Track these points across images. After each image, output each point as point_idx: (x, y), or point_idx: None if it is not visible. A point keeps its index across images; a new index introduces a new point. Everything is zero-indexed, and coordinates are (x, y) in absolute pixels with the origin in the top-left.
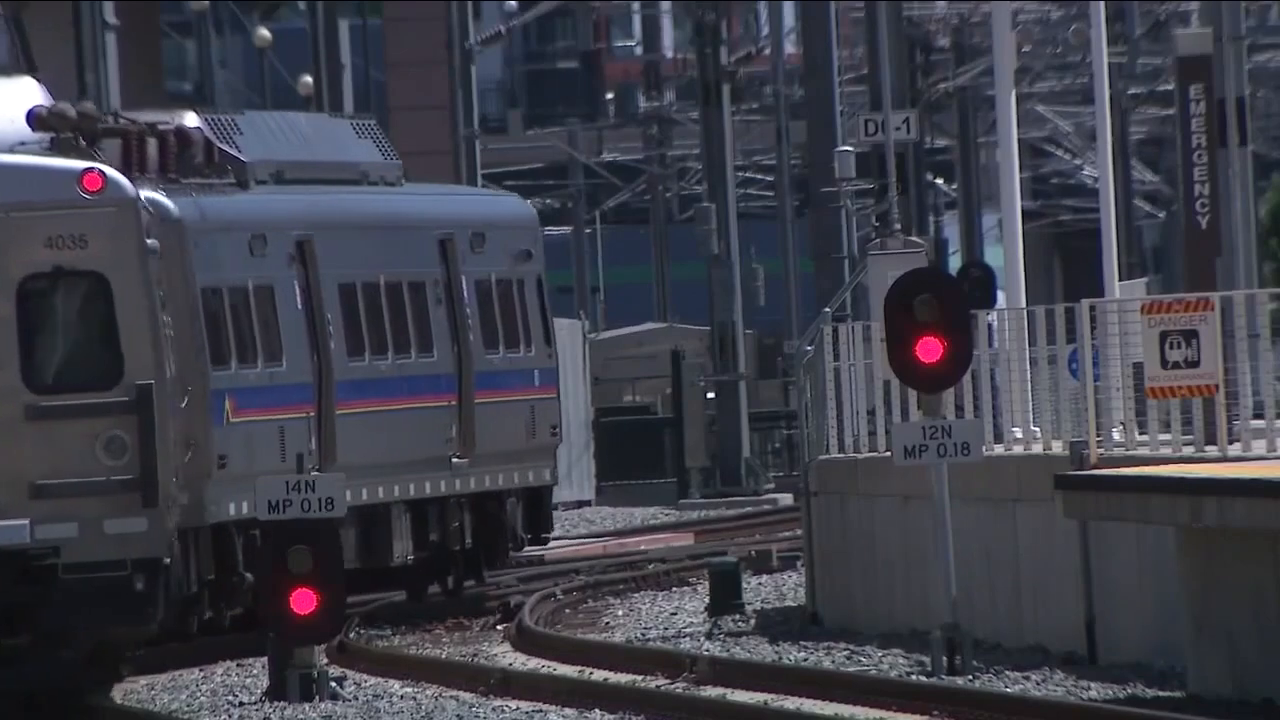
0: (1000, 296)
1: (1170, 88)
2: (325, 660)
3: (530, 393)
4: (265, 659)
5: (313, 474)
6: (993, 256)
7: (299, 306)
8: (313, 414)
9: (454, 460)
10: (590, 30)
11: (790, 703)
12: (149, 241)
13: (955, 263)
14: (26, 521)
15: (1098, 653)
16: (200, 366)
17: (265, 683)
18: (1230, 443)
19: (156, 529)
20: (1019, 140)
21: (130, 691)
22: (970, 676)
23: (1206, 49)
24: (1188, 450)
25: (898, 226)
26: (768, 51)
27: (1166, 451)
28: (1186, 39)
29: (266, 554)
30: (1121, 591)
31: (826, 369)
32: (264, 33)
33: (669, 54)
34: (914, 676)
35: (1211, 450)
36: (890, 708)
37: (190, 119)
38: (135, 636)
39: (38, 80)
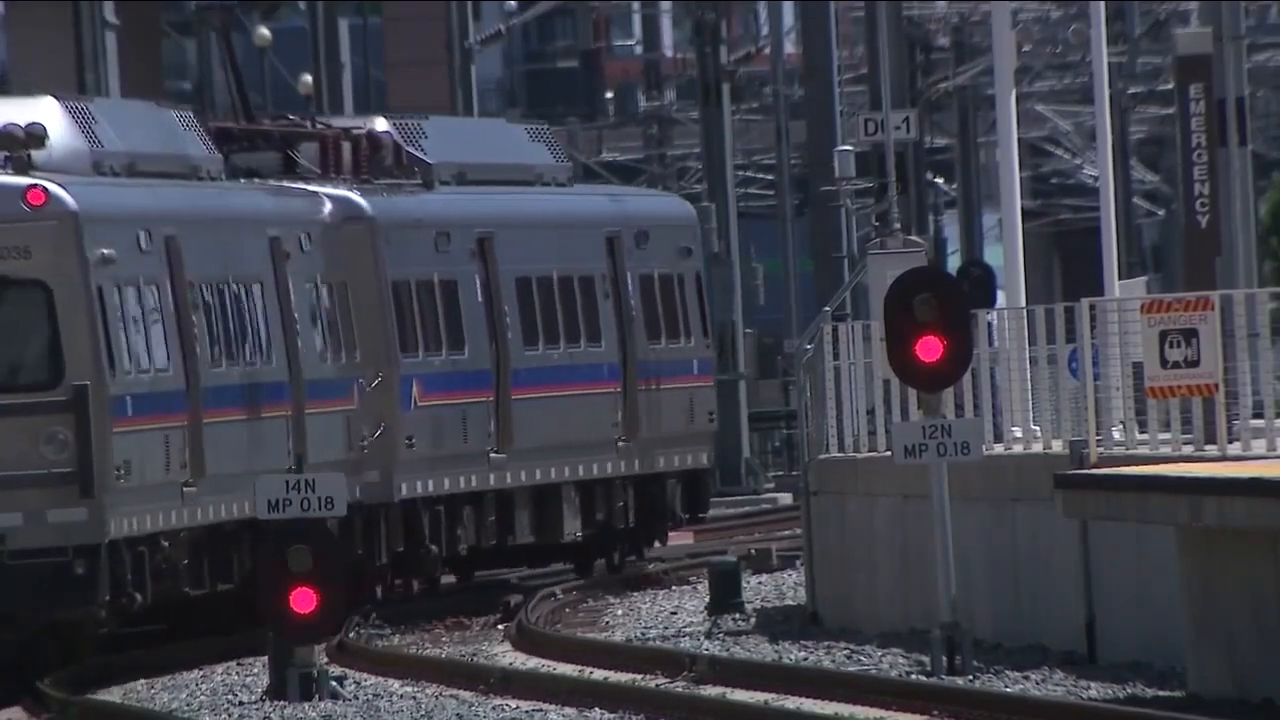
0: (1000, 296)
1: (1170, 87)
2: (325, 660)
3: (689, 381)
4: (265, 658)
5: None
6: (993, 256)
7: (479, 299)
8: (492, 399)
9: (620, 444)
10: (590, 30)
11: (790, 702)
12: (104, 251)
13: (955, 262)
14: None
15: (1098, 653)
16: (390, 354)
17: (265, 682)
18: (1230, 442)
19: (95, 518)
20: (1019, 140)
21: (130, 691)
22: (970, 676)
23: (1206, 49)
24: (1188, 450)
25: (898, 226)
26: (768, 51)
27: (1166, 451)
28: (1186, 39)
29: (266, 554)
30: (1121, 591)
31: (826, 368)
32: (264, 32)
33: (669, 54)
34: (914, 676)
35: (1211, 450)
36: (890, 708)
37: (380, 123)
38: (78, 617)
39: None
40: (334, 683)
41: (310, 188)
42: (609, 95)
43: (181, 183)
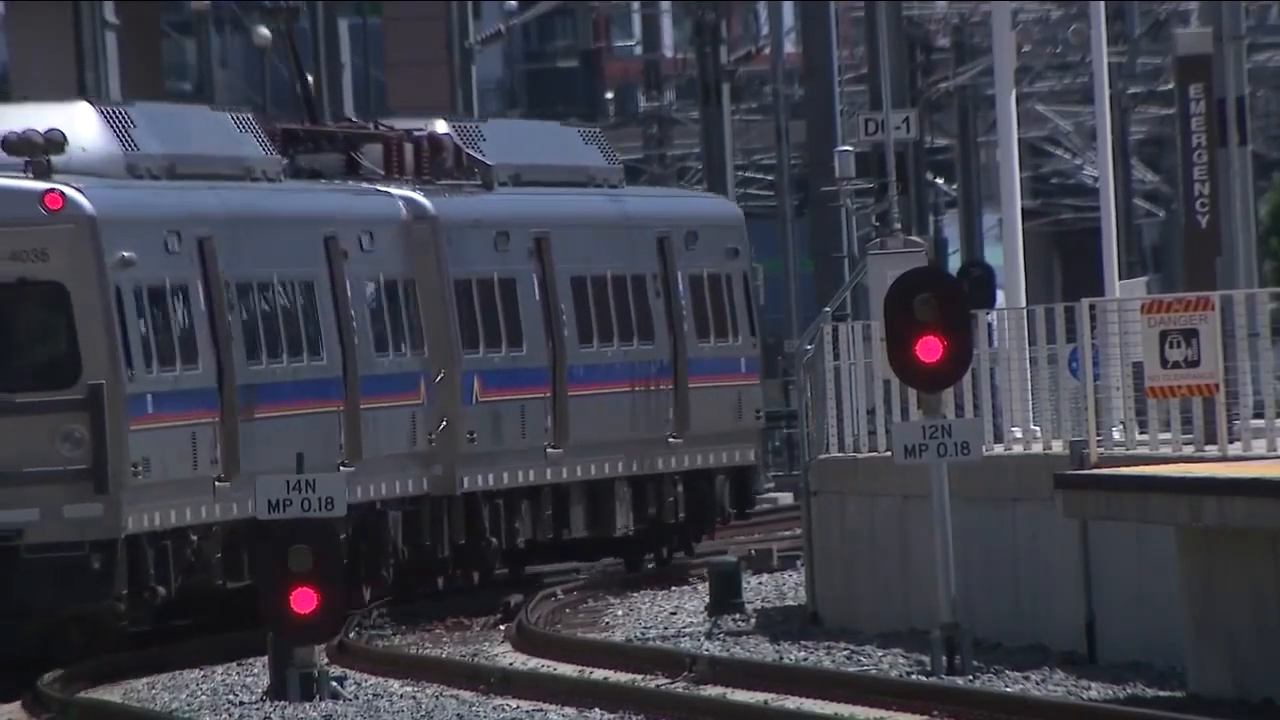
0: (1000, 296)
1: (1170, 87)
2: (325, 660)
3: (737, 379)
4: (265, 658)
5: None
6: (993, 256)
7: (536, 297)
8: (549, 395)
9: (670, 440)
10: (590, 30)
11: (790, 703)
12: (124, 253)
13: (955, 262)
14: None
15: (1098, 653)
16: (452, 350)
17: (266, 682)
18: (1230, 442)
19: (111, 513)
20: (1019, 140)
21: (130, 690)
22: (970, 676)
23: (1206, 49)
24: (1188, 450)
25: (898, 226)
26: (767, 51)
27: (1166, 451)
28: (1186, 39)
29: (266, 553)
30: (1121, 591)
31: (826, 368)
32: (264, 32)
33: (669, 53)
34: (914, 676)
35: (1211, 450)
36: (890, 708)
37: (440, 125)
38: (94, 610)
39: None
40: (334, 683)
41: (375, 188)
42: (609, 95)
43: (232, 184)
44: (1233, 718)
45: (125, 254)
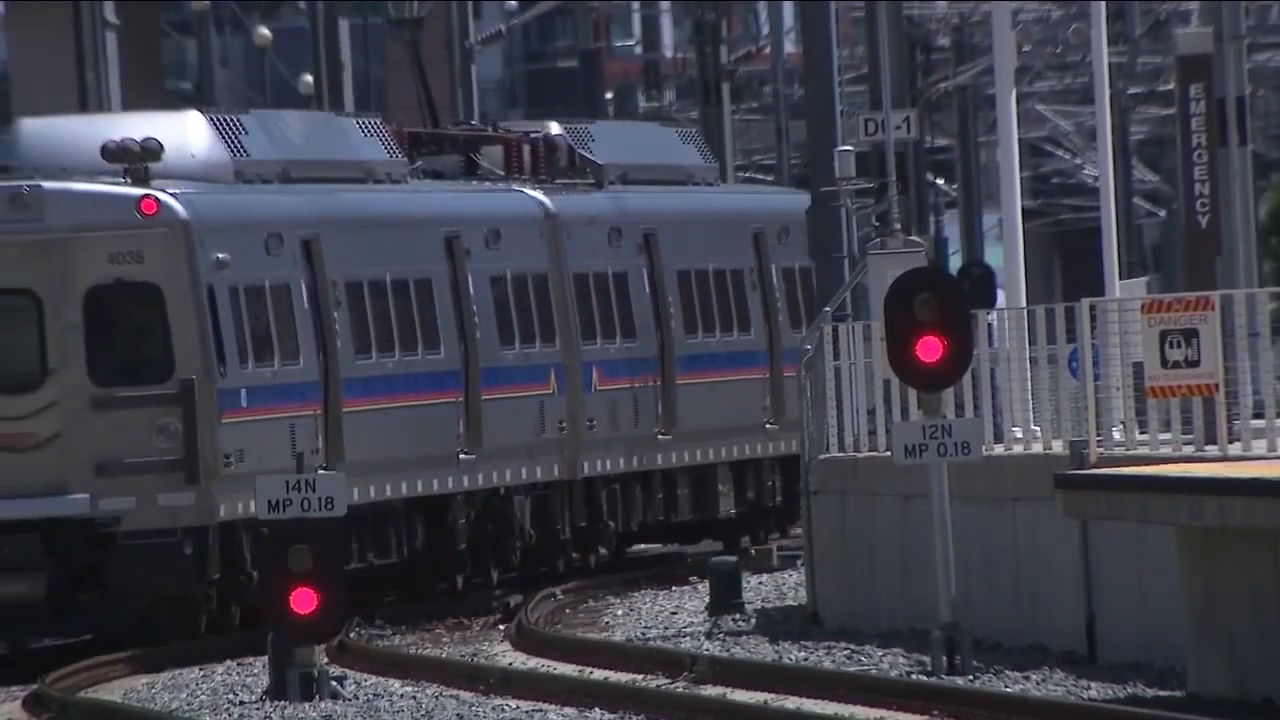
0: (1000, 296)
1: (1170, 87)
2: (325, 660)
3: None
4: (266, 658)
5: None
6: (993, 256)
7: (646, 291)
8: (658, 384)
9: (768, 426)
10: (590, 30)
11: (790, 703)
12: (219, 255)
13: (955, 262)
14: (88, 495)
15: (1098, 653)
16: (573, 342)
17: (265, 682)
18: (1230, 442)
19: (203, 502)
20: (1019, 140)
21: (130, 690)
22: (970, 676)
23: (1206, 49)
24: (1188, 450)
25: (898, 226)
26: (767, 51)
27: (1166, 451)
28: (1186, 39)
29: (266, 554)
30: (1121, 591)
31: (826, 369)
32: (264, 32)
33: (669, 53)
34: (914, 676)
35: (1211, 450)
36: (890, 708)
37: (554, 127)
38: (187, 594)
39: None
40: (334, 683)
41: (510, 187)
42: (609, 95)
43: (350, 186)
44: (1233, 718)
45: (220, 256)
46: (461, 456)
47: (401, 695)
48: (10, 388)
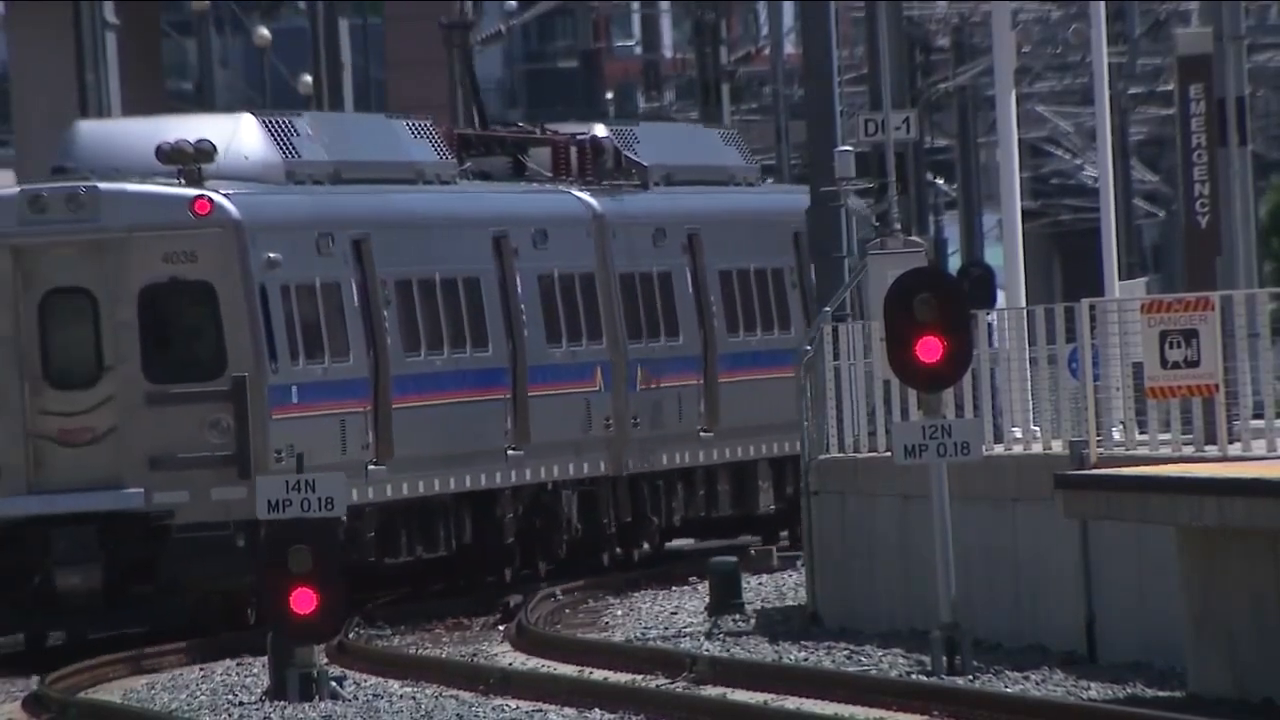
0: (1000, 296)
1: (1170, 88)
2: (325, 660)
3: None
4: (265, 658)
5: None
6: (993, 256)
7: (690, 290)
8: (701, 382)
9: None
10: (590, 30)
11: (790, 703)
12: (270, 254)
13: (955, 263)
14: (143, 489)
15: (1098, 653)
16: (618, 340)
17: (265, 682)
18: (1230, 443)
19: (254, 495)
20: (1019, 140)
21: (130, 691)
22: (970, 676)
23: (1206, 49)
24: (1188, 450)
25: (898, 226)
26: (767, 51)
27: (1166, 451)
28: (1186, 39)
29: (266, 554)
30: (1121, 591)
31: (826, 369)
32: (264, 32)
33: (669, 54)
34: (914, 676)
35: (1211, 450)
36: (890, 708)
37: (600, 129)
38: (238, 587)
39: None
40: (334, 683)
41: (560, 189)
42: (609, 95)
43: (400, 187)
44: (1233, 718)
45: (271, 255)
46: (509, 452)
47: (401, 695)
48: (67, 384)
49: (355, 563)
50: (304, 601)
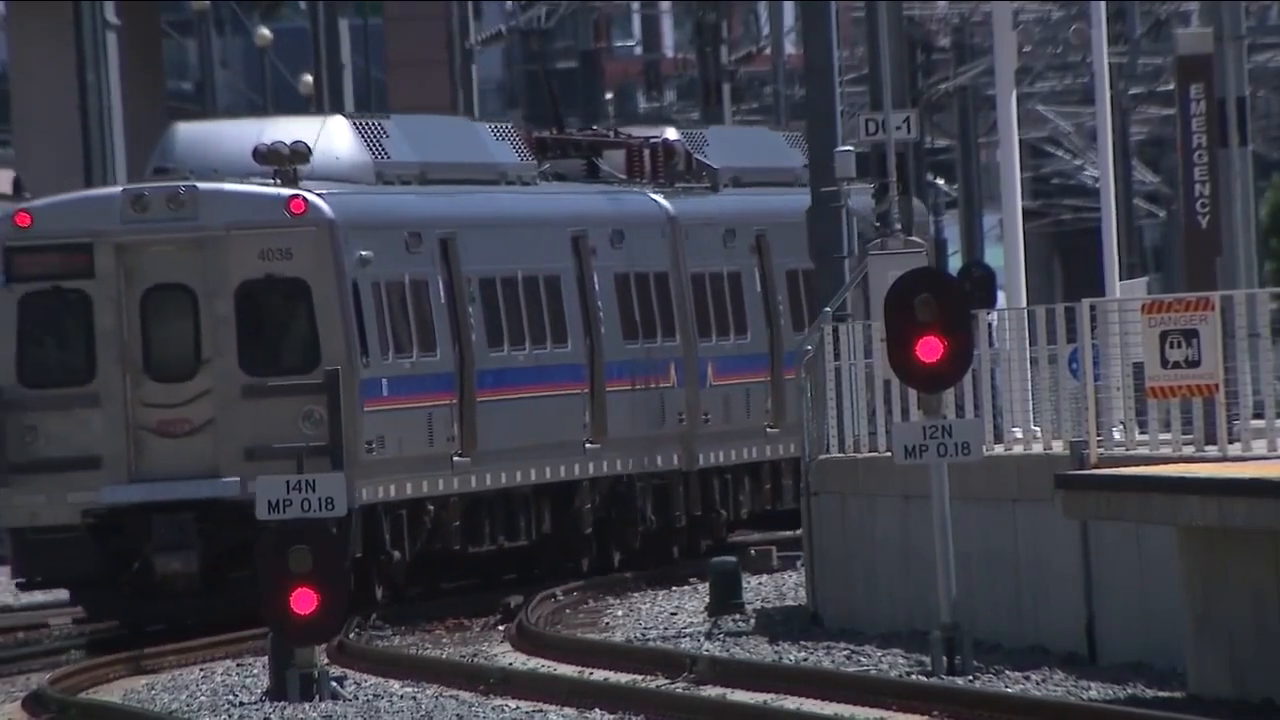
0: (1000, 296)
1: (1170, 88)
2: (325, 660)
3: None
4: (265, 659)
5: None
6: (993, 256)
7: (758, 289)
8: (768, 379)
9: None
10: (590, 30)
11: (790, 703)
12: (362, 252)
13: (955, 263)
14: (239, 478)
15: (1098, 653)
16: (690, 337)
17: (265, 683)
18: (1230, 443)
19: (347, 485)
20: (1019, 140)
21: (130, 691)
22: (970, 676)
23: (1207, 49)
24: (1188, 450)
25: (898, 226)
26: (768, 51)
27: (1166, 451)
28: (1187, 39)
29: (267, 554)
30: (1121, 591)
31: (827, 369)
32: (264, 32)
33: (669, 54)
34: (914, 676)
35: (1211, 450)
36: (890, 708)
37: (671, 133)
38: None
39: None
40: (334, 683)
41: (637, 190)
42: (609, 96)
43: (484, 188)
44: (1233, 718)
45: (363, 253)
46: (587, 445)
47: (401, 695)
48: (167, 376)
49: (440, 551)
50: (304, 602)
